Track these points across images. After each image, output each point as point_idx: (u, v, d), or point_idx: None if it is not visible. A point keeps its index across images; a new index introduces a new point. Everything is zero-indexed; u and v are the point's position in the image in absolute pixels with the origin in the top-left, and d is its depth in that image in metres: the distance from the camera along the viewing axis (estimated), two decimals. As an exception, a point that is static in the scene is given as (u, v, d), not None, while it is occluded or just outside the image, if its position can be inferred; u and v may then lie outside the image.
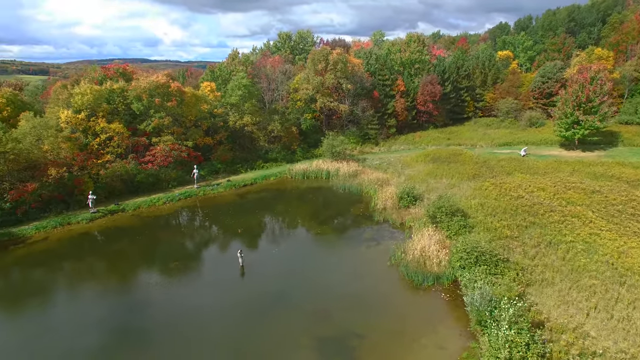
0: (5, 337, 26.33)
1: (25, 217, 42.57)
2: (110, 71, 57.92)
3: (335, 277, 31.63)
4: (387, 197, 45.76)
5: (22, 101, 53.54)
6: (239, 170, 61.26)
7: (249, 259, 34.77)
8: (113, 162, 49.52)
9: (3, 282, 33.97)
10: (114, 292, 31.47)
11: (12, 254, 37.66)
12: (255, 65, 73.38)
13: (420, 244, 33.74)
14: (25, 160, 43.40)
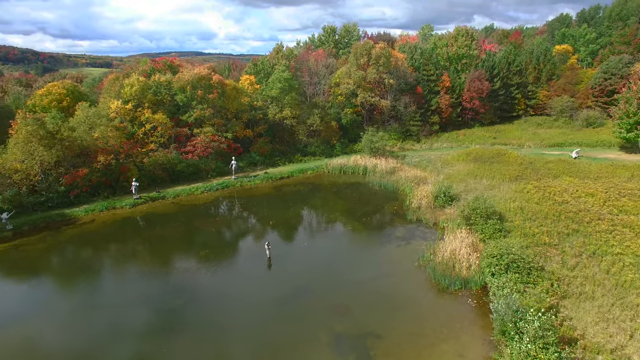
0: (57, 304, 29.09)
1: (77, 200, 45.88)
2: (158, 64, 60.72)
3: (361, 274, 31.35)
4: (422, 196, 44.57)
5: (80, 92, 57.55)
6: (277, 163, 62.17)
7: (279, 252, 35.37)
8: (156, 151, 52.02)
9: (57, 258, 37.02)
10: (148, 273, 33.51)
11: (64, 233, 40.81)
12: (298, 59, 73.76)
13: (451, 245, 32.65)
14: (79, 147, 46.70)
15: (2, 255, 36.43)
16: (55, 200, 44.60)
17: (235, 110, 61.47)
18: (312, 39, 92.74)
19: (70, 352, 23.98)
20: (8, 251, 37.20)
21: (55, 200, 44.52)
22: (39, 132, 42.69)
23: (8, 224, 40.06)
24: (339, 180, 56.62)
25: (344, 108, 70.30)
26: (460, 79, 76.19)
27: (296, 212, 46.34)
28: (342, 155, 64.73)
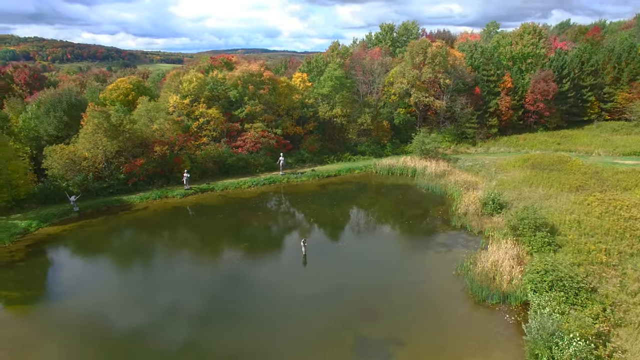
0: (113, 280, 31.78)
1: (134, 188, 49.25)
2: (216, 61, 63.39)
3: (395, 278, 30.56)
4: (470, 202, 42.46)
5: (144, 87, 61.76)
6: (325, 160, 62.38)
7: (316, 249, 35.57)
8: (208, 145, 54.39)
9: (115, 239, 40.07)
10: (190, 260, 35.53)
11: (120, 218, 44.10)
12: (352, 57, 73.36)
13: (494, 256, 30.82)
14: (138, 139, 50.13)
15: (69, 234, 40.12)
16: (116, 187, 48.27)
17: (287, 107, 62.51)
18: (369, 37, 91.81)
19: (119, 319, 26.13)
20: (74, 230, 40.90)
21: (115, 187, 48.22)
22: (104, 124, 46.43)
23: (75, 205, 44.07)
24: (385, 181, 55.62)
25: (397, 108, 68.79)
26: (523, 80, 71.36)
27: (338, 211, 46.17)
28: (392, 156, 63.48)
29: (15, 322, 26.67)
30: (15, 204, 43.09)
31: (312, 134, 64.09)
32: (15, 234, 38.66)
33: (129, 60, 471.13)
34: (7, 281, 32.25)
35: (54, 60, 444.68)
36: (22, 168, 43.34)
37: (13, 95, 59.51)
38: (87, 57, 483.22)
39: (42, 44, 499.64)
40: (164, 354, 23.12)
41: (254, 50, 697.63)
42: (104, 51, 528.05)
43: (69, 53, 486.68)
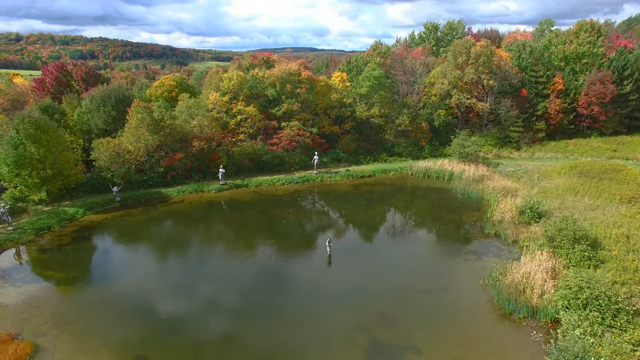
0: (148, 270, 33.14)
1: (172, 181, 51.26)
2: (256, 59, 64.58)
3: (418, 284, 29.74)
4: (506, 209, 40.42)
5: (187, 84, 64.14)
6: (361, 161, 61.85)
7: (342, 249, 35.44)
8: (244, 142, 55.56)
9: (153, 229, 41.99)
10: (219, 252, 36.76)
11: (158, 209, 46.10)
12: (394, 57, 72.11)
13: (526, 268, 29.09)
14: (178, 134, 52.18)
15: (111, 222, 42.51)
16: (155, 179, 50.49)
17: (325, 106, 62.59)
18: (412, 36, 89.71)
19: (152, 304, 27.34)
20: (116, 219, 43.29)
21: (155, 180, 50.44)
22: (147, 119, 48.72)
23: (117, 196, 46.62)
24: (421, 184, 54.26)
25: (438, 109, 66.82)
26: (577, 82, 66.83)
27: (369, 212, 45.60)
28: (430, 158, 61.87)
29: (58, 301, 28.53)
30: (66, 192, 46.24)
31: (348, 133, 63.73)
32: (63, 219, 41.51)
33: (182, 58, 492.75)
34: (54, 263, 34.80)
35: (115, 59, 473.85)
36: (73, 159, 46.41)
37: (71, 91, 63.99)
38: (144, 55, 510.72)
39: (106, 44, 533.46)
40: (189, 335, 23.91)
41: (302, 48, 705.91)
42: (160, 49, 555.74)
43: (128, 51, 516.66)
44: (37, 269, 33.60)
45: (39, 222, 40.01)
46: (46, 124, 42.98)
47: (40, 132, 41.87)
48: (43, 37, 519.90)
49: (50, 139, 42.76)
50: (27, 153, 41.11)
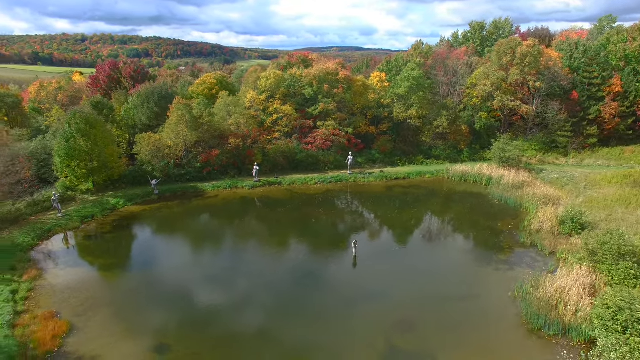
0: (181, 260, 34.59)
1: (208, 177, 52.86)
2: (293, 58, 65.17)
3: (443, 290, 28.84)
4: (546, 218, 38.28)
5: (227, 82, 65.86)
6: (396, 162, 60.87)
7: (369, 251, 35.23)
8: (279, 140, 56.26)
9: (187, 222, 43.42)
10: (249, 247, 37.62)
11: (193, 203, 47.73)
12: (435, 57, 70.23)
13: (562, 282, 27.42)
14: (216, 131, 53.79)
15: (149, 213, 44.58)
16: (192, 174, 52.31)
17: (362, 106, 62.14)
18: (456, 35, 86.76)
19: (183, 292, 28.40)
20: (153, 210, 45.34)
21: (192, 175, 52.27)
22: (186, 116, 50.58)
23: (155, 189, 48.75)
24: (456, 188, 52.54)
25: (479, 111, 64.35)
26: (638, 83, 61.91)
27: (399, 214, 44.78)
28: (469, 162, 59.79)
29: (95, 285, 30.28)
30: (110, 183, 48.99)
31: (385, 134, 62.89)
32: (106, 209, 44.03)
33: (230, 57, 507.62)
34: (95, 249, 37.14)
35: (167, 57, 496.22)
36: (117, 153, 49.08)
37: (121, 87, 67.67)
38: (194, 54, 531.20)
39: (159, 42, 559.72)
40: (210, 326, 24.64)
41: (349, 48, 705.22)
42: (209, 48, 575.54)
43: (179, 50, 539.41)
44: (80, 254, 35.95)
45: (85, 211, 42.68)
46: (94, 119, 45.70)
47: (89, 127, 44.58)
48: (104, 38, 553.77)
49: (98, 133, 45.42)
50: (77, 146, 43.91)
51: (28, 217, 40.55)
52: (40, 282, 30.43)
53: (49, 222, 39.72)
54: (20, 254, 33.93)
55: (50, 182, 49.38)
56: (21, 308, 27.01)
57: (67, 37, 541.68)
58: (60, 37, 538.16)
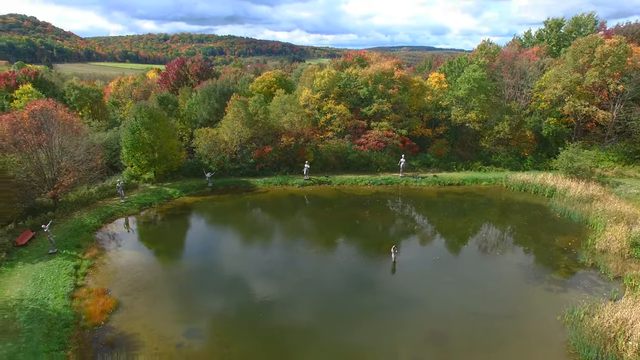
0: (229, 250, 36.60)
1: (261, 172, 54.40)
2: (349, 57, 64.73)
3: (482, 306, 27.15)
4: (615, 238, 34.43)
5: (286, 80, 67.18)
6: (451, 167, 58.27)
7: (410, 258, 34.43)
8: (331, 139, 56.28)
9: (237, 215, 45.37)
10: (288, 243, 38.50)
11: (243, 197, 49.46)
12: (502, 57, 65.94)
13: (625, 312, 24.46)
14: (270, 128, 55.16)
15: (201, 204, 46.93)
16: (246, 169, 54.19)
17: (418, 108, 60.28)
18: (528, 34, 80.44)
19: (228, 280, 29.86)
20: (206, 202, 47.66)
21: (245, 170, 54.15)
22: (242, 113, 52.43)
23: (209, 181, 51.18)
24: (515, 198, 49.07)
25: (548, 116, 59.45)
26: None
27: (448, 222, 42.82)
28: (532, 171, 55.58)
29: (144, 267, 32.51)
30: (169, 174, 52.29)
31: (441, 137, 60.45)
32: (162, 198, 47.09)
33: (299, 55, 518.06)
34: (149, 234, 39.95)
35: (240, 54, 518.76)
36: (177, 146, 52.22)
37: (187, 84, 71.89)
38: (265, 52, 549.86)
39: (233, 41, 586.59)
40: (242, 316, 25.47)
41: (419, 48, 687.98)
42: (280, 46, 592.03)
43: (251, 48, 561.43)
44: (135, 238, 38.79)
45: (144, 198, 45.99)
46: (157, 113, 48.99)
47: (152, 120, 47.89)
48: (184, 37, 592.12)
49: (160, 127, 48.64)
50: (141, 137, 47.40)
51: (97, 201, 44.57)
52: (98, 260, 33.37)
53: (112, 206, 43.36)
54: (86, 234, 37.45)
55: (119, 170, 53.90)
56: (80, 282, 29.84)
57: (152, 36, 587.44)
58: (146, 37, 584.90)
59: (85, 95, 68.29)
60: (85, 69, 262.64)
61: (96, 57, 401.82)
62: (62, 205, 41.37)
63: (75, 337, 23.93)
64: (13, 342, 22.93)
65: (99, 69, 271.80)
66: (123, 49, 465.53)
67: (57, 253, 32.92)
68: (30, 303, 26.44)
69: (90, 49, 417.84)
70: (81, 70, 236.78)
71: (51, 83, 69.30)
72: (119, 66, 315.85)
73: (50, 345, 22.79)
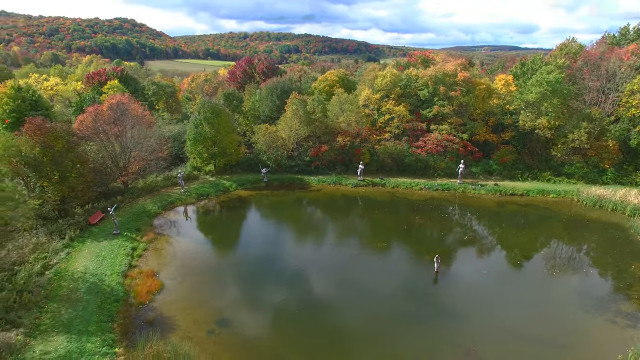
0: (273, 246, 37.43)
1: (316, 171, 54.95)
2: (412, 58, 62.69)
3: (530, 330, 25.11)
4: (702, 270, 29.80)
5: (348, 80, 66.97)
6: (516, 176, 54.21)
7: (455, 269, 33.23)
8: (388, 141, 55.09)
9: (289, 211, 46.47)
10: (336, 243, 38.54)
11: (296, 194, 50.39)
12: (584, 58, 59.70)
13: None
14: (327, 127, 55.47)
15: (255, 198, 48.73)
16: (301, 167, 55.12)
17: (482, 112, 56.89)
18: (625, 30, 71.45)
19: (264, 276, 31.05)
20: (260, 196, 49.36)
21: (300, 167, 55.09)
22: (300, 111, 53.34)
23: (265, 177, 52.85)
24: (587, 215, 44.37)
25: (638, 124, 52.79)
26: None
27: (504, 235, 40.00)
28: (612, 185, 49.80)
29: (192, 254, 34.64)
30: (228, 167, 54.87)
31: (507, 144, 56.42)
32: (219, 190, 49.59)
33: (374, 54, 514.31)
34: (202, 224, 42.53)
35: (315, 53, 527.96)
36: (237, 141, 54.58)
37: (253, 81, 74.76)
38: (340, 51, 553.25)
39: (309, 39, 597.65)
40: (277, 310, 26.19)
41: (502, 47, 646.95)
42: (355, 45, 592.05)
43: (326, 47, 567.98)
44: (189, 226, 41.37)
45: (202, 189, 48.78)
46: (220, 109, 51.58)
47: (214, 116, 50.51)
48: (262, 35, 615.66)
49: (221, 122, 51.16)
50: (203, 131, 50.25)
51: (160, 189, 48.16)
52: (153, 244, 36.12)
53: (173, 195, 46.57)
54: (147, 219, 40.68)
55: (185, 161, 57.66)
56: (134, 263, 32.55)
57: (233, 35, 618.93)
58: (227, 35, 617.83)
59: (161, 90, 74.03)
60: (170, 65, 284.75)
61: (182, 54, 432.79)
62: (130, 190, 45.32)
63: (122, 312, 26.22)
64: (73, 309, 25.72)
65: (182, 66, 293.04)
66: (206, 46, 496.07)
67: (119, 234, 36.20)
68: (91, 277, 29.40)
69: (177, 47, 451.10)
70: (167, 67, 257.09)
71: (134, 79, 76.03)
72: (200, 63, 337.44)
73: (100, 316, 25.21)
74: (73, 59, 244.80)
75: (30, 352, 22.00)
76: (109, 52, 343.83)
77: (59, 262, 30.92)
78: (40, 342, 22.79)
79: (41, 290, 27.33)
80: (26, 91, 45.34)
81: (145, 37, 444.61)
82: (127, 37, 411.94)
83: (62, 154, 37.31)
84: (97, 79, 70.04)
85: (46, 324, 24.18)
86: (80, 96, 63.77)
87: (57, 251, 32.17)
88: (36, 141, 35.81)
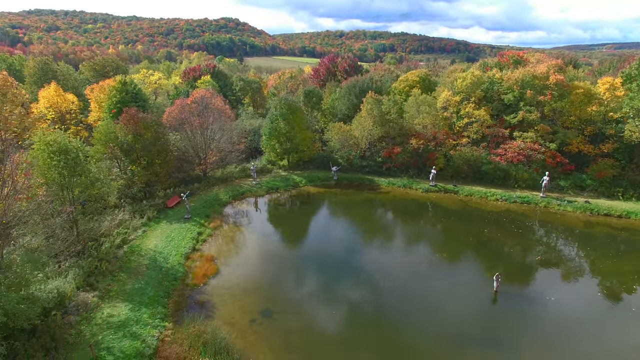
0: (334, 245, 37.79)
1: (387, 172, 53.94)
2: (504, 58, 57.74)
3: None
4: None
5: (430, 80, 64.15)
6: (615, 194, 47.37)
7: (519, 292, 30.47)
8: (464, 146, 51.72)
9: (355, 211, 46.46)
10: (396, 249, 38.02)
11: (364, 194, 50.12)
12: None
13: None
14: (401, 128, 53.98)
15: (323, 196, 49.55)
16: (372, 167, 54.56)
17: (578, 119, 50.65)
18: None
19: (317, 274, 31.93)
20: (328, 194, 50.07)
21: (372, 167, 54.55)
22: (374, 111, 52.68)
23: (335, 175, 53.31)
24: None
25: None
26: None
27: (583, 260, 35.40)
28: None
29: (251, 244, 36.58)
30: (301, 163, 56.41)
31: (607, 157, 49.44)
32: (289, 185, 51.30)
33: (474, 54, 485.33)
34: (267, 215, 44.52)
35: (411, 52, 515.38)
36: (310, 138, 55.81)
37: (335, 79, 75.62)
38: (437, 50, 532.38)
39: (405, 38, 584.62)
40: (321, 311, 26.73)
41: (631, 44, 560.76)
42: (453, 44, 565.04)
43: (423, 46, 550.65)
44: (254, 217, 43.54)
45: (272, 183, 50.92)
46: (295, 106, 53.17)
47: (290, 112, 52.20)
48: (358, 34, 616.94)
49: (296, 119, 52.73)
50: (278, 127, 52.28)
51: (234, 179, 51.32)
52: (218, 231, 38.74)
53: (245, 186, 49.34)
54: (217, 206, 43.72)
55: (262, 154, 60.62)
56: (198, 247, 35.26)
57: (329, 33, 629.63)
58: (324, 34, 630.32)
59: (248, 86, 78.50)
60: (267, 62, 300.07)
61: (279, 51, 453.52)
62: (208, 179, 49.04)
63: (178, 291, 28.70)
64: (137, 282, 28.83)
65: (278, 62, 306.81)
66: (303, 44, 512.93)
67: (190, 219, 39.47)
68: (158, 255, 32.60)
69: (275, 45, 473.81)
70: (263, 63, 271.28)
71: (224, 75, 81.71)
72: (296, 60, 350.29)
73: (159, 291, 27.88)
74: (183, 56, 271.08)
75: (100, 313, 25.21)
76: (213, 49, 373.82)
77: (135, 238, 34.80)
78: (108, 305, 25.99)
79: (117, 261, 31.05)
80: (129, 84, 51.48)
81: (247, 35, 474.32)
82: (231, 35, 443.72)
83: (150, 142, 41.76)
84: (192, 75, 76.73)
85: (115, 291, 27.48)
86: (177, 89, 70.49)
87: (135, 228, 36.21)
88: (129, 129, 40.57)
